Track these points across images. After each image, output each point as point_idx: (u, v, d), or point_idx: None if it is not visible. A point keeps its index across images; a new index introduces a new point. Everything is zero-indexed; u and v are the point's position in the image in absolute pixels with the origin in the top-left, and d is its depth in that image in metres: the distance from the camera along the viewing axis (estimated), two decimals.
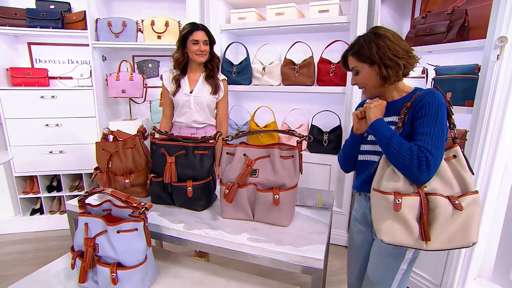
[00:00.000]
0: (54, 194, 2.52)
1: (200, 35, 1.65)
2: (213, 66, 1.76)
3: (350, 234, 1.22)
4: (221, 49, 2.40)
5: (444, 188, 0.87)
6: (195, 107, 1.73)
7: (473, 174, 0.90)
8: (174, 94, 1.75)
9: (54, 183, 2.57)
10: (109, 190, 0.97)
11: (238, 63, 2.37)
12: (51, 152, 2.36)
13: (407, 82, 1.05)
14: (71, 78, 2.47)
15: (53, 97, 2.29)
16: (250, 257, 0.97)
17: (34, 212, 2.54)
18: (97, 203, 1.07)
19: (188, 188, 1.16)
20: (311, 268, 0.89)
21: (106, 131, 1.36)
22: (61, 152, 2.38)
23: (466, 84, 1.47)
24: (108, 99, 2.53)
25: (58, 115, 2.33)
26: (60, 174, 2.46)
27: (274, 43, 2.26)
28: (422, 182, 0.86)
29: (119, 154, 1.31)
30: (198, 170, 1.18)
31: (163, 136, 1.29)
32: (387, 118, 1.02)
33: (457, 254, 1.51)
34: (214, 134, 1.21)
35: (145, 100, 2.55)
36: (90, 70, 2.38)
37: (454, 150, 0.90)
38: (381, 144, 0.93)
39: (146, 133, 1.35)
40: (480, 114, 1.36)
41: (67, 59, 2.55)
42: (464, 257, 1.50)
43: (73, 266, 1.00)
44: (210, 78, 1.74)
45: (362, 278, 1.18)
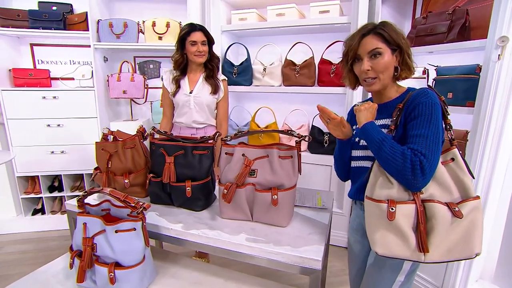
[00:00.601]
0: (56, 194, 2.54)
1: (197, 36, 1.65)
2: (212, 66, 1.77)
3: (348, 244, 1.18)
4: (221, 50, 2.40)
5: (442, 194, 0.81)
6: (195, 107, 1.74)
7: (473, 178, 0.84)
8: (174, 94, 1.75)
9: (56, 183, 2.59)
10: (107, 190, 0.97)
11: (239, 64, 2.38)
12: (53, 152, 2.38)
13: (407, 82, 1.02)
14: (73, 79, 2.49)
15: (54, 97, 2.30)
16: (248, 257, 0.97)
17: (35, 212, 2.55)
18: (96, 203, 1.07)
19: (187, 188, 1.16)
20: (309, 268, 0.89)
21: (106, 131, 1.36)
22: (62, 152, 2.39)
23: (467, 84, 1.46)
24: (109, 100, 2.54)
25: (59, 116, 2.34)
26: (61, 174, 2.47)
27: (274, 44, 2.26)
28: (418, 188, 0.80)
29: (119, 154, 1.31)
30: (197, 170, 1.18)
31: (163, 136, 1.30)
32: (380, 120, 0.97)
33: None
34: (213, 134, 1.21)
35: (146, 100, 2.56)
36: (92, 71, 2.39)
37: (452, 153, 0.85)
38: (372, 148, 0.88)
39: (146, 133, 1.35)
40: (481, 114, 1.35)
41: (69, 60, 2.57)
42: (465, 261, 1.48)
43: (71, 266, 1.00)
44: (210, 78, 1.75)
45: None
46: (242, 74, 2.36)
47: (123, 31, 2.31)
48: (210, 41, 1.71)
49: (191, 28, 1.67)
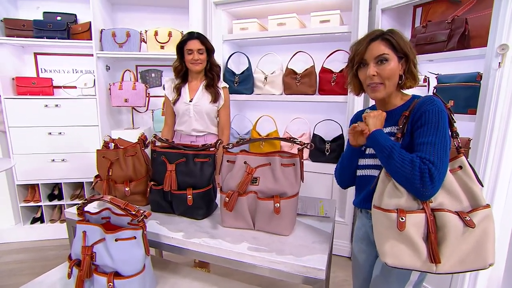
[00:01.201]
0: (55, 202, 2.51)
1: (193, 44, 1.65)
2: (213, 75, 1.76)
3: (353, 254, 1.16)
4: (223, 59, 2.42)
5: (452, 202, 0.79)
6: (195, 116, 1.74)
7: (482, 186, 0.83)
8: (175, 102, 1.76)
9: (56, 192, 2.57)
10: (108, 198, 0.96)
11: (240, 73, 2.40)
12: (53, 160, 2.37)
13: (408, 90, 1.01)
14: (75, 87, 2.51)
15: (56, 105, 2.31)
16: (250, 267, 0.95)
17: (34, 220, 2.52)
18: (96, 211, 1.06)
19: (188, 196, 1.15)
20: (313, 278, 0.87)
21: (107, 139, 1.36)
22: (63, 160, 2.38)
23: (468, 92, 1.47)
24: (111, 108, 2.55)
25: (61, 124, 2.35)
26: (61, 183, 2.46)
27: (275, 53, 2.28)
28: (427, 197, 0.79)
29: (120, 162, 1.31)
30: (198, 178, 1.17)
31: (164, 144, 1.29)
32: (385, 128, 0.96)
33: None
34: (215, 142, 1.21)
35: (147, 109, 2.56)
36: (94, 79, 2.41)
37: (459, 161, 0.83)
38: (381, 156, 0.87)
39: (147, 141, 1.35)
40: (483, 121, 1.34)
41: (72, 69, 2.59)
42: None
43: (69, 275, 0.98)
44: (210, 86, 1.74)
45: None
46: (243, 82, 2.37)
47: (126, 40, 2.34)
48: (209, 49, 1.71)
49: (188, 36, 1.67)
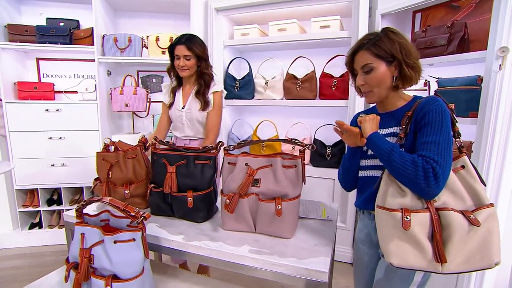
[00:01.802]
0: (54, 207, 2.49)
1: (180, 50, 1.59)
2: (201, 82, 1.68)
3: (355, 256, 1.15)
4: (224, 64, 2.44)
5: (455, 201, 0.79)
6: (187, 123, 1.71)
7: (484, 185, 0.83)
8: (170, 107, 1.74)
9: (55, 197, 2.55)
10: (107, 199, 0.95)
11: (240, 78, 2.41)
12: (53, 165, 2.36)
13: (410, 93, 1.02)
14: (76, 92, 2.52)
15: (57, 110, 2.32)
16: (251, 270, 0.93)
17: (32, 226, 2.50)
18: (95, 213, 1.04)
19: (188, 198, 1.13)
20: (315, 281, 0.85)
21: (108, 142, 1.35)
22: (63, 165, 2.37)
23: (469, 95, 1.46)
24: (111, 113, 2.56)
25: (61, 128, 2.35)
26: (60, 188, 2.44)
27: (276, 59, 2.29)
28: (432, 196, 0.79)
29: (120, 165, 1.30)
30: (199, 180, 1.16)
31: (165, 146, 1.28)
32: (388, 129, 0.96)
33: None
34: (215, 144, 1.20)
35: (148, 114, 2.57)
36: (95, 84, 2.42)
37: (461, 160, 0.84)
38: (381, 159, 0.88)
39: (148, 143, 1.34)
40: (485, 124, 1.34)
41: (73, 74, 2.61)
42: (477, 271, 1.43)
43: (66, 279, 0.95)
44: (199, 94, 1.67)
45: None
46: (244, 88, 2.38)
47: (127, 46, 2.36)
48: (198, 56, 1.63)
49: (176, 41, 1.62)
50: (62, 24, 2.40)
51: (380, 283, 0.98)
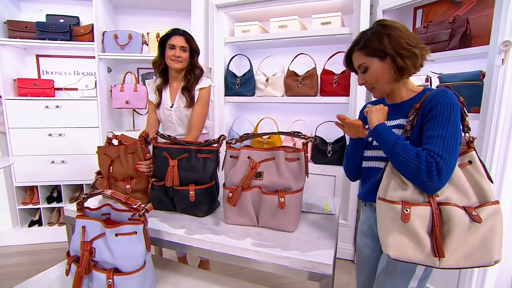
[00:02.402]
0: (54, 205, 2.48)
1: (177, 40, 1.55)
2: (191, 76, 1.62)
3: (357, 248, 1.15)
4: (224, 61, 2.43)
5: (459, 197, 0.78)
6: (177, 122, 1.67)
7: (491, 182, 0.81)
8: (158, 106, 1.68)
9: (55, 194, 2.53)
10: (108, 192, 0.94)
11: (241, 75, 2.40)
12: (53, 162, 2.35)
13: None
14: (76, 89, 2.50)
15: (57, 107, 2.30)
16: (254, 263, 0.92)
17: (32, 223, 2.48)
18: (96, 207, 1.04)
19: (190, 192, 1.12)
20: (319, 274, 0.84)
21: (111, 135, 1.34)
22: (63, 162, 2.36)
23: (471, 90, 1.46)
24: (111, 110, 2.54)
25: (61, 125, 2.33)
26: (60, 185, 2.42)
27: (277, 55, 2.29)
28: (434, 191, 0.78)
29: (120, 159, 1.29)
30: (201, 174, 1.15)
31: (166, 140, 1.28)
32: (395, 121, 0.95)
33: None
34: (218, 137, 1.19)
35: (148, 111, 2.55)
36: (95, 81, 2.41)
37: (469, 156, 0.82)
38: (385, 150, 0.87)
39: (149, 137, 1.33)
40: (487, 119, 1.34)
41: (73, 71, 2.59)
42: (478, 270, 1.43)
43: (67, 272, 0.95)
44: (185, 89, 1.61)
45: None
46: (245, 84, 2.38)
47: (128, 42, 2.35)
48: (193, 49, 1.61)
49: (173, 31, 1.58)
50: (62, 20, 2.39)
51: (382, 276, 0.97)
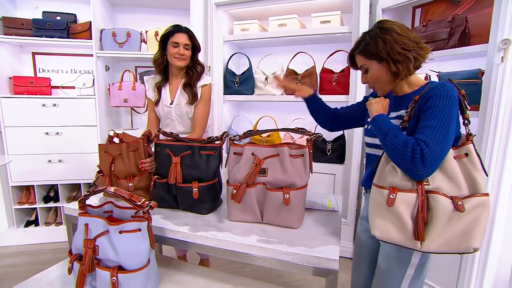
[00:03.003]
0: (51, 204, 2.44)
1: (181, 38, 1.53)
2: (193, 72, 1.61)
3: (357, 234, 1.20)
4: (223, 59, 2.42)
5: (450, 187, 0.81)
6: (177, 119, 1.64)
7: (486, 175, 0.83)
8: (157, 104, 1.65)
9: (51, 194, 2.50)
10: (111, 189, 0.93)
11: (240, 73, 2.40)
12: (50, 161, 2.32)
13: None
14: (73, 87, 2.47)
15: (54, 105, 2.27)
16: (260, 259, 0.92)
17: (28, 223, 2.45)
18: (98, 205, 1.02)
19: (193, 189, 1.12)
20: (326, 269, 0.84)
21: (112, 133, 1.32)
22: (60, 161, 2.33)
23: (470, 88, 1.47)
24: (109, 109, 2.52)
25: (58, 124, 2.30)
26: (57, 184, 2.39)
27: (276, 54, 2.29)
28: (419, 177, 0.80)
29: (123, 157, 1.28)
30: (204, 171, 1.15)
31: (168, 137, 1.27)
32: (396, 112, 0.99)
33: (470, 263, 1.45)
34: (220, 134, 1.19)
35: (146, 110, 2.53)
36: (93, 79, 2.38)
37: (466, 148, 0.83)
38: (379, 137, 0.92)
39: (152, 136, 1.31)
40: (487, 117, 1.35)
41: (70, 69, 2.56)
42: (478, 266, 1.44)
43: (70, 271, 0.94)
44: (188, 86, 1.59)
45: (367, 282, 1.14)
46: (244, 83, 2.37)
47: (126, 40, 2.33)
48: (195, 46, 1.59)
49: (175, 28, 1.55)
50: (58, 18, 2.36)
51: (380, 265, 1.02)
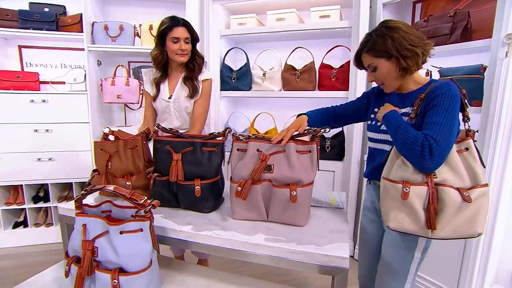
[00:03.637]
0: (41, 205, 2.34)
1: (181, 32, 1.47)
2: (194, 65, 1.56)
3: (361, 224, 1.24)
4: (220, 55, 2.37)
5: (455, 179, 0.87)
6: (175, 114, 1.59)
7: (484, 167, 0.91)
8: (154, 99, 1.60)
9: (41, 193, 2.40)
10: (111, 187, 0.88)
11: (237, 69, 2.35)
12: (39, 159, 2.22)
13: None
14: (64, 83, 2.38)
15: (44, 101, 2.18)
16: (267, 258, 0.88)
17: (17, 225, 2.35)
18: (95, 204, 0.97)
19: (196, 187, 1.07)
20: (337, 268, 0.82)
21: (107, 131, 1.26)
22: (50, 159, 2.24)
23: (472, 84, 1.47)
24: (102, 105, 2.43)
25: (48, 121, 2.20)
26: (48, 184, 2.30)
27: (274, 49, 2.24)
28: (428, 170, 0.86)
29: (119, 155, 1.22)
30: (206, 168, 1.10)
31: (168, 133, 1.21)
32: (402, 109, 1.03)
33: (472, 260, 1.46)
34: (223, 130, 1.15)
35: (141, 106, 2.46)
36: (85, 74, 2.29)
37: (466, 143, 0.90)
38: (390, 132, 0.96)
39: (151, 133, 1.25)
40: (490, 112, 1.35)
41: (60, 64, 2.46)
42: (480, 262, 1.45)
43: (67, 274, 0.88)
44: (188, 80, 1.55)
45: (373, 270, 1.15)
46: (241, 79, 2.33)
47: (119, 34, 2.24)
48: (194, 38, 1.54)
49: (173, 22, 1.47)
50: (47, 9, 2.25)
51: (388, 251, 1.05)
